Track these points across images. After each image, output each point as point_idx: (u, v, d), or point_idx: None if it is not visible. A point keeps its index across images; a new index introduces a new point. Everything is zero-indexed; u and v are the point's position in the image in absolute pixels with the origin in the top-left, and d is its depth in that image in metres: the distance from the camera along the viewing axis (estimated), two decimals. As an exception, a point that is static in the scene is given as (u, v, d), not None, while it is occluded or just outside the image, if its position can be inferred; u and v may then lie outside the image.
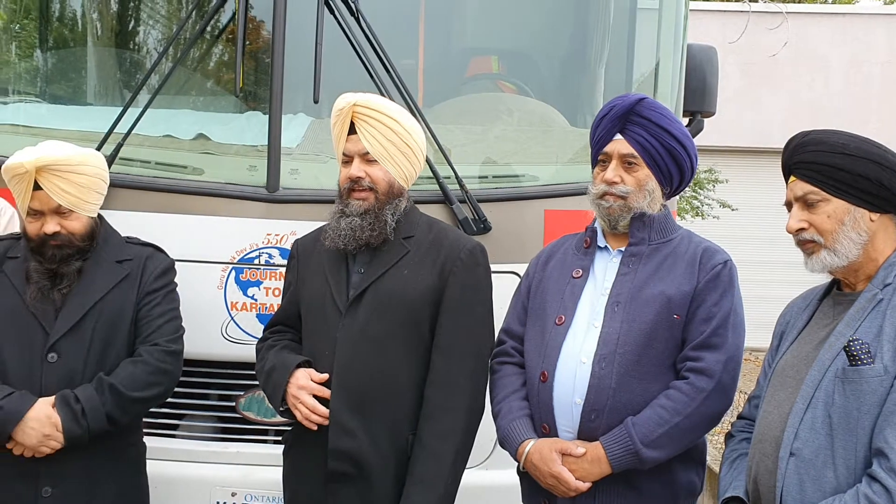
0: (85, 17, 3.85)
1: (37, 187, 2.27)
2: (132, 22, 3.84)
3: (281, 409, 2.30)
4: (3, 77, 3.76)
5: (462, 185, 2.89)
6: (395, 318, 2.26)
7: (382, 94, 2.82)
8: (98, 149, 2.86)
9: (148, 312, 2.44)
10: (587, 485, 2.06)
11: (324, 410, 2.22)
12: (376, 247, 2.29)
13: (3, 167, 2.31)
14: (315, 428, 2.23)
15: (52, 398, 2.27)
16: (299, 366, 2.27)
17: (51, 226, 2.30)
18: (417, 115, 2.87)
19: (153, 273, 2.48)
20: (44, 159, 2.25)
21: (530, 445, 2.13)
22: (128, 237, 2.57)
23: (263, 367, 2.38)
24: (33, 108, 3.53)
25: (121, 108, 2.94)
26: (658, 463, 2.07)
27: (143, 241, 2.56)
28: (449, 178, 2.90)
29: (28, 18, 3.85)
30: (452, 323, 2.29)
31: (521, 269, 2.58)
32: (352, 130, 2.27)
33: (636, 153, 2.20)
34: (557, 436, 2.15)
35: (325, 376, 2.23)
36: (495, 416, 2.27)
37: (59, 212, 2.31)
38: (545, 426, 2.17)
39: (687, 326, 2.14)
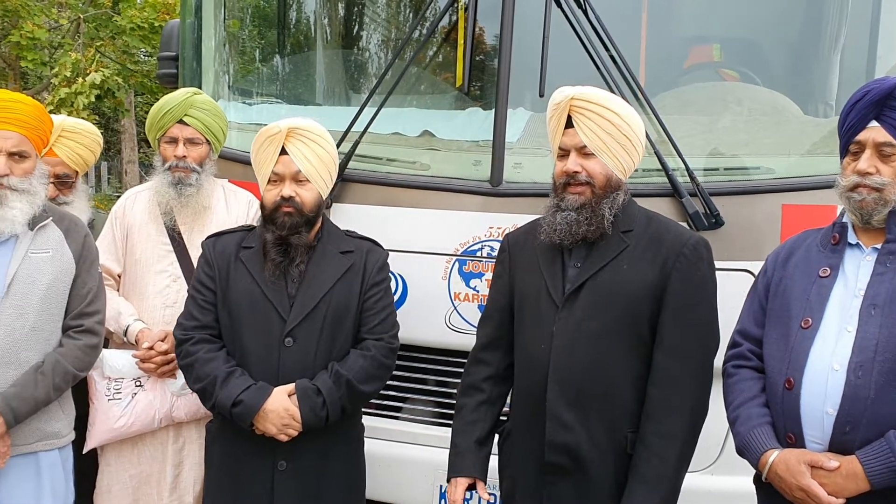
0: (316, 24, 4.12)
1: (283, 153, 2.47)
2: (357, 27, 4.06)
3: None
4: (248, 81, 4.13)
5: (693, 178, 2.78)
6: (614, 314, 2.21)
7: (610, 87, 2.78)
8: (337, 147, 3.06)
9: (373, 304, 2.57)
10: (840, 501, 1.91)
11: None
12: (593, 241, 2.25)
13: (258, 133, 2.53)
14: None
15: (290, 387, 2.44)
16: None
17: (287, 190, 2.48)
18: (647, 106, 2.81)
19: (375, 266, 2.60)
20: (295, 122, 2.48)
21: (775, 455, 2.01)
22: (346, 231, 2.71)
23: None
24: (274, 109, 3.84)
25: (349, 108, 3.12)
26: (925, 483, 1.88)
27: (361, 235, 2.69)
28: (677, 170, 2.81)
29: (252, 25, 4.19)
30: (675, 321, 2.20)
31: (755, 267, 2.44)
32: (568, 124, 2.24)
33: (895, 141, 2.01)
34: (804, 446, 2.01)
35: None
36: (732, 422, 2.16)
37: (297, 179, 2.49)
38: (790, 436, 2.03)
39: (958, 333, 1.92)
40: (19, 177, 2.43)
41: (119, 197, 3.32)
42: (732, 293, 2.49)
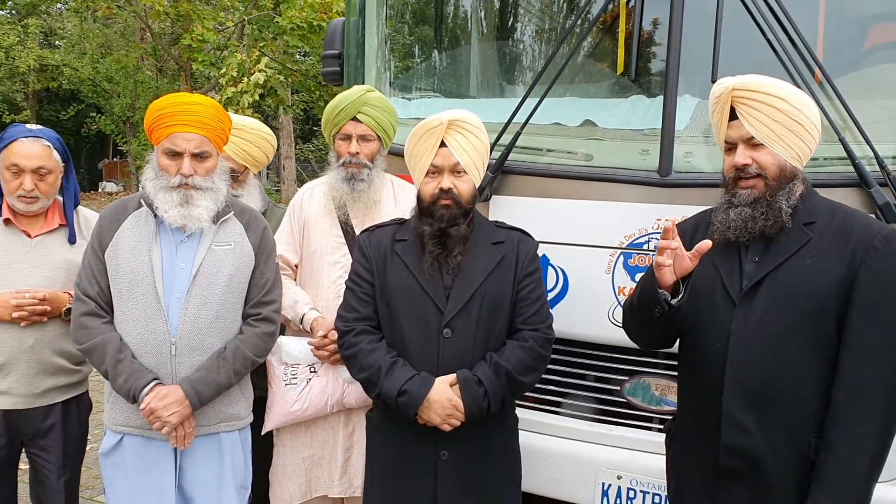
0: (472, 19, 4.14)
1: (442, 145, 2.49)
2: (512, 19, 4.04)
3: None
4: (407, 77, 4.21)
5: (882, 166, 2.57)
6: (797, 312, 2.08)
7: (788, 71, 2.63)
8: (497, 139, 3.07)
9: (528, 295, 2.55)
10: None
11: None
12: (772, 235, 2.13)
13: (416, 127, 2.55)
14: None
15: (451, 377, 2.46)
16: None
17: (446, 182, 2.50)
18: (831, 90, 2.63)
19: (527, 256, 2.58)
20: (454, 115, 2.50)
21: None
22: (496, 221, 2.70)
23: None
24: (433, 103, 3.90)
25: (505, 100, 3.08)
26: None
27: (511, 226, 2.67)
28: (864, 158, 2.61)
29: (412, 22, 4.26)
30: (865, 319, 2.04)
31: (956, 264, 2.22)
32: (732, 116, 2.14)
33: None
34: None
35: None
36: (931, 432, 2.00)
37: (455, 171, 2.51)
38: None
39: None
40: (202, 176, 2.58)
41: (277, 191, 3.46)
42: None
